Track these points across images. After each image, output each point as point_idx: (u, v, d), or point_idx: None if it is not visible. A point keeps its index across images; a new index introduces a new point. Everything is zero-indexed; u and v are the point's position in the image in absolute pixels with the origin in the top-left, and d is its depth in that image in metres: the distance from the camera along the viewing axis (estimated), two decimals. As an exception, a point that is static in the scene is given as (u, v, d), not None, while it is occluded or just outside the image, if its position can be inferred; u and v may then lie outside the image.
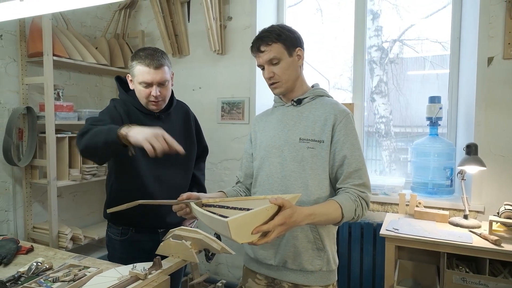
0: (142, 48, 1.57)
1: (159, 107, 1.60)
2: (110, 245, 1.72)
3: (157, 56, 1.52)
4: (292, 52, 1.29)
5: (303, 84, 1.37)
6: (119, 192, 1.65)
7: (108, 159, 1.54)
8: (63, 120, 2.39)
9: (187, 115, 1.78)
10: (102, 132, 1.30)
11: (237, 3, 2.74)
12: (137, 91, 1.57)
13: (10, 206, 2.39)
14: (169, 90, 1.61)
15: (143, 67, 1.50)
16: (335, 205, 1.15)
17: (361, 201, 1.21)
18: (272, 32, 1.27)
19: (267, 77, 1.31)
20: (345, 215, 1.15)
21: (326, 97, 1.37)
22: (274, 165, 1.32)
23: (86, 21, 2.90)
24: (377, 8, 2.67)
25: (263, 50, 1.28)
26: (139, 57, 1.52)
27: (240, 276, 2.83)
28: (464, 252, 1.73)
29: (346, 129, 1.26)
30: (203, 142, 1.89)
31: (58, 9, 1.37)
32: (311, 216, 1.08)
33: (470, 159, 1.93)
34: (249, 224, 0.94)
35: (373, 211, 2.41)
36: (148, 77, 1.51)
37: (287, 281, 1.31)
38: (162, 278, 1.19)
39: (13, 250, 1.45)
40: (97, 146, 1.30)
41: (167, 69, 1.56)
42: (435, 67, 2.59)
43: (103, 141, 1.28)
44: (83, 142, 1.36)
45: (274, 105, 1.45)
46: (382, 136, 2.73)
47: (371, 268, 2.34)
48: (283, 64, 1.28)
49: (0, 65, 2.31)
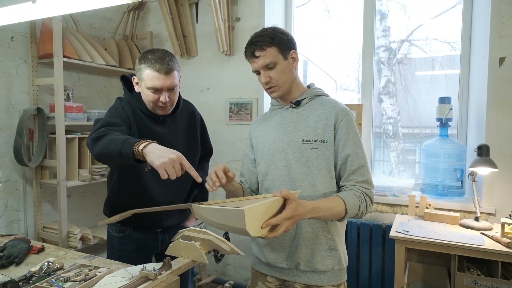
0: (151, 51, 1.50)
1: (167, 112, 1.57)
2: (109, 241, 1.73)
3: (167, 60, 1.46)
4: (287, 55, 1.28)
5: (299, 85, 1.37)
6: (120, 192, 1.65)
7: (121, 167, 1.52)
8: (72, 121, 2.41)
9: (192, 116, 1.75)
10: (118, 142, 1.25)
11: (245, 4, 2.74)
12: (144, 95, 1.52)
13: (21, 206, 2.41)
14: (177, 94, 1.57)
15: (153, 72, 1.44)
16: (338, 200, 1.17)
17: (365, 197, 1.22)
18: (265, 36, 1.25)
19: (263, 82, 1.29)
20: (348, 211, 1.17)
21: (323, 96, 1.36)
22: (280, 168, 1.31)
23: (95, 23, 2.92)
24: (385, 8, 2.65)
25: (258, 55, 1.26)
26: (148, 60, 1.45)
27: (247, 277, 2.83)
28: (476, 254, 1.71)
29: (347, 127, 1.26)
30: (208, 143, 1.87)
31: (69, 11, 1.39)
32: (315, 210, 1.10)
33: (481, 160, 1.91)
34: (260, 215, 0.95)
35: (382, 212, 2.39)
36: (158, 83, 1.45)
37: (299, 282, 1.30)
38: (172, 279, 1.19)
39: (25, 249, 1.47)
40: (111, 155, 1.27)
41: (177, 73, 1.51)
42: (443, 68, 2.56)
43: (117, 153, 1.23)
44: (97, 148, 1.32)
45: (271, 108, 1.45)
46: (390, 137, 2.71)
47: (380, 270, 2.32)
48: (279, 68, 1.27)
49: (11, 67, 2.34)
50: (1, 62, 2.29)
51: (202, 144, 1.80)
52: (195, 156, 1.76)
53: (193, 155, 1.73)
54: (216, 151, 2.90)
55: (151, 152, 1.17)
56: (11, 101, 2.34)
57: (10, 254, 1.41)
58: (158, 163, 1.14)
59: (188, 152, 1.65)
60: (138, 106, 1.57)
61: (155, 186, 1.60)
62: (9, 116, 2.33)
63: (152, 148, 1.18)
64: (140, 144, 1.19)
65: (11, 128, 2.33)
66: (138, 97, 1.57)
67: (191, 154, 1.68)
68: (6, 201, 2.34)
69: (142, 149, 1.18)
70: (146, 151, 1.18)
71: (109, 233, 1.73)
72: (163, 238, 1.71)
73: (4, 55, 2.30)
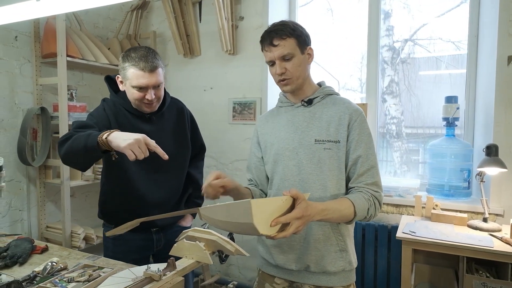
0: (133, 49, 1.49)
1: (153, 109, 1.56)
2: (104, 242, 1.73)
3: (150, 58, 1.45)
4: (304, 49, 1.26)
5: (311, 83, 1.34)
6: (110, 193, 1.64)
7: (90, 166, 1.50)
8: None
9: (181, 114, 1.72)
10: (81, 138, 1.27)
11: (249, 3, 2.72)
12: (130, 93, 1.50)
13: (24, 206, 2.41)
14: (162, 90, 1.57)
15: (137, 70, 1.43)
16: (347, 202, 1.15)
17: (374, 200, 1.20)
18: (286, 26, 1.23)
19: (278, 73, 1.25)
20: (357, 213, 1.15)
21: (335, 95, 1.34)
22: (290, 168, 1.29)
23: (98, 22, 2.92)
24: (388, 7, 2.63)
25: (277, 44, 1.22)
26: (132, 59, 1.45)
27: (251, 277, 2.81)
28: (485, 256, 1.68)
29: (360, 128, 1.24)
30: (199, 140, 1.84)
31: (73, 9, 1.38)
32: (324, 212, 1.08)
33: (490, 160, 1.88)
34: (268, 212, 0.94)
35: (387, 213, 2.36)
36: (143, 81, 1.45)
37: (308, 283, 1.28)
38: (177, 280, 1.18)
39: (28, 249, 1.46)
40: (77, 153, 1.29)
41: (161, 70, 1.50)
42: (448, 67, 2.53)
43: (82, 147, 1.26)
44: (63, 150, 1.34)
45: (279, 105, 1.41)
46: (393, 137, 2.68)
47: (385, 271, 2.29)
48: (296, 61, 1.24)
49: (15, 66, 2.33)
50: (5, 62, 2.28)
51: (193, 142, 1.77)
52: (186, 154, 1.73)
53: (184, 153, 1.71)
54: (220, 151, 2.92)
55: (115, 138, 1.21)
56: (15, 100, 2.34)
57: (14, 254, 1.40)
58: (124, 145, 1.18)
59: (177, 150, 1.65)
60: (123, 105, 1.57)
61: (144, 185, 1.58)
62: (13, 115, 2.33)
63: (115, 134, 1.23)
64: (103, 134, 1.24)
65: (15, 127, 2.32)
66: (124, 96, 1.56)
67: (180, 151, 1.67)
68: (10, 201, 2.33)
69: (106, 137, 1.23)
70: (110, 138, 1.22)
71: (103, 234, 1.70)
72: (158, 237, 1.68)
73: (8, 55, 2.30)
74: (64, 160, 1.40)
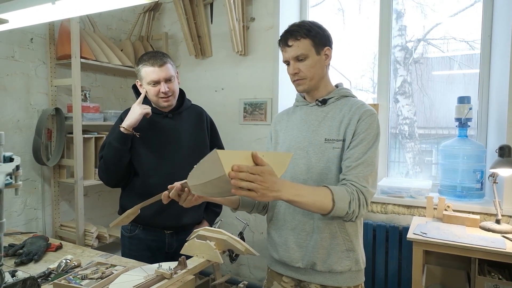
0: (144, 53, 1.68)
1: (170, 103, 1.68)
2: (122, 240, 1.80)
3: (159, 56, 1.63)
4: (320, 50, 1.27)
5: (327, 84, 1.35)
6: (129, 190, 1.73)
7: (124, 166, 1.66)
8: (89, 121, 2.45)
9: (200, 116, 1.81)
10: (108, 145, 1.62)
11: (260, 4, 2.73)
12: (148, 92, 1.66)
13: (39, 205, 2.46)
14: (176, 85, 1.69)
15: (148, 67, 1.61)
16: (325, 190, 1.12)
17: (359, 194, 1.14)
18: (302, 27, 1.25)
19: (291, 73, 1.28)
20: (336, 204, 1.10)
21: (351, 97, 1.33)
22: (300, 166, 1.29)
23: (111, 24, 2.97)
24: (400, 7, 2.61)
25: (291, 45, 1.25)
26: (143, 60, 1.63)
27: (261, 277, 2.82)
28: (497, 258, 1.66)
29: (367, 127, 1.21)
30: (218, 143, 1.89)
31: (87, 12, 1.41)
32: (295, 189, 1.06)
33: (503, 162, 1.85)
34: (237, 162, 0.93)
35: (398, 214, 2.34)
36: (155, 75, 1.60)
37: (315, 283, 1.28)
38: (187, 278, 1.19)
39: (43, 247, 1.49)
40: (114, 156, 1.60)
41: (171, 66, 1.66)
42: (461, 67, 2.50)
43: (112, 147, 1.57)
44: (101, 170, 1.68)
45: (295, 104, 1.42)
46: (405, 137, 2.66)
47: (396, 272, 2.27)
48: (309, 62, 1.25)
49: (30, 68, 2.39)
50: (21, 64, 2.34)
51: (212, 144, 1.81)
52: (203, 154, 1.75)
53: (201, 152, 1.73)
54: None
55: (126, 119, 1.60)
56: (30, 101, 2.39)
57: (30, 251, 1.44)
58: (136, 113, 1.59)
59: (196, 148, 1.71)
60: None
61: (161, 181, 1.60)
62: (29, 116, 2.38)
63: (125, 120, 1.61)
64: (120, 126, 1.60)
65: (30, 128, 2.38)
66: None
67: (197, 149, 1.71)
68: (25, 200, 2.39)
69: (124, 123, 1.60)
70: (124, 123, 1.60)
71: (121, 233, 1.79)
72: (170, 241, 1.72)
73: (24, 57, 2.35)
74: (107, 178, 1.70)
